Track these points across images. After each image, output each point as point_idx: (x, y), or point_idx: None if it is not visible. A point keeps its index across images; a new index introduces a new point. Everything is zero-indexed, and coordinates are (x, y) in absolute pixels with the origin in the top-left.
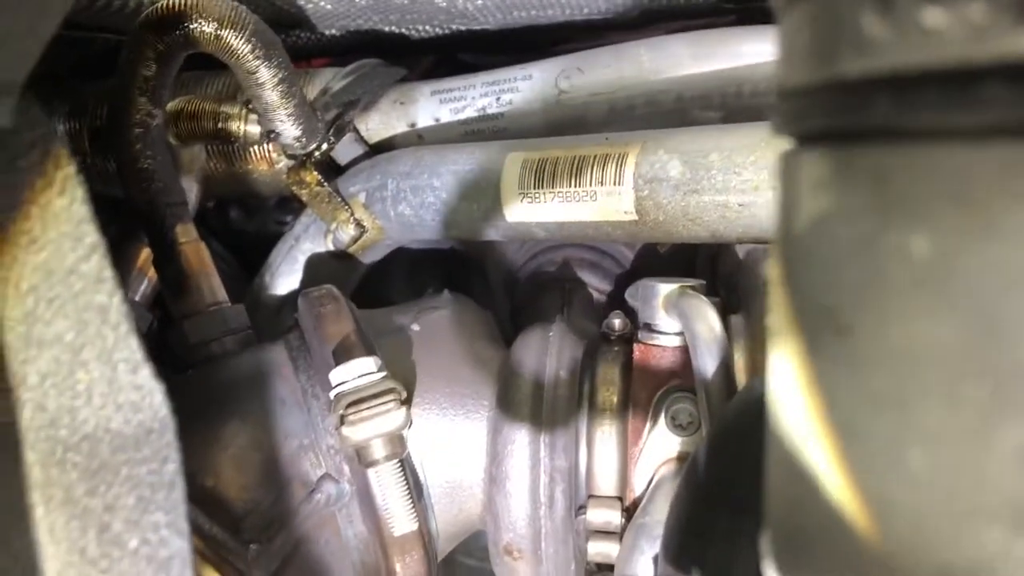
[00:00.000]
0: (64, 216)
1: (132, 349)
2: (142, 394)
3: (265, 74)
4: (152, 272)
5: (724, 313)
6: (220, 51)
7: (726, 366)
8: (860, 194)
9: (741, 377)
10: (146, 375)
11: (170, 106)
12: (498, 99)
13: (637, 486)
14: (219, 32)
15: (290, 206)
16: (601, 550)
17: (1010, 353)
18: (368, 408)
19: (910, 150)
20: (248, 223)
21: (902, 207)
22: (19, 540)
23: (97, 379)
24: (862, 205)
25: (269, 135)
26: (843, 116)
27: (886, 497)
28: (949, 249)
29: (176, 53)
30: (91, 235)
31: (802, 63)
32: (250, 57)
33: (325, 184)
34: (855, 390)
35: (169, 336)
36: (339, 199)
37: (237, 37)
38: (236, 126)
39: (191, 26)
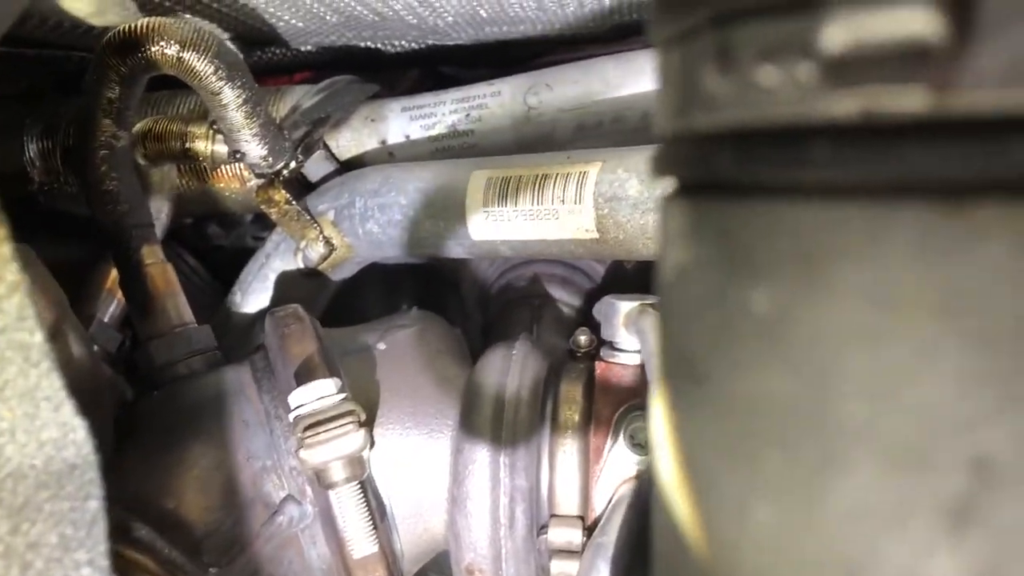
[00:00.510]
0: None
1: (54, 387)
2: (65, 431)
3: (229, 95)
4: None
5: None
6: (183, 73)
7: None
8: (708, 247)
9: None
10: (68, 412)
11: (138, 127)
12: (468, 115)
13: (598, 505)
14: (181, 54)
15: (267, 222)
16: (563, 570)
17: (840, 409)
18: (326, 431)
19: (750, 205)
20: (225, 239)
21: (744, 262)
22: None
23: (20, 417)
24: (710, 258)
25: (235, 155)
26: (694, 168)
27: (734, 550)
28: (786, 304)
29: (139, 75)
30: (12, 273)
31: (665, 111)
32: (213, 79)
33: (294, 202)
34: (710, 440)
35: (136, 357)
36: (308, 217)
37: (199, 59)
38: (203, 146)
39: (153, 48)
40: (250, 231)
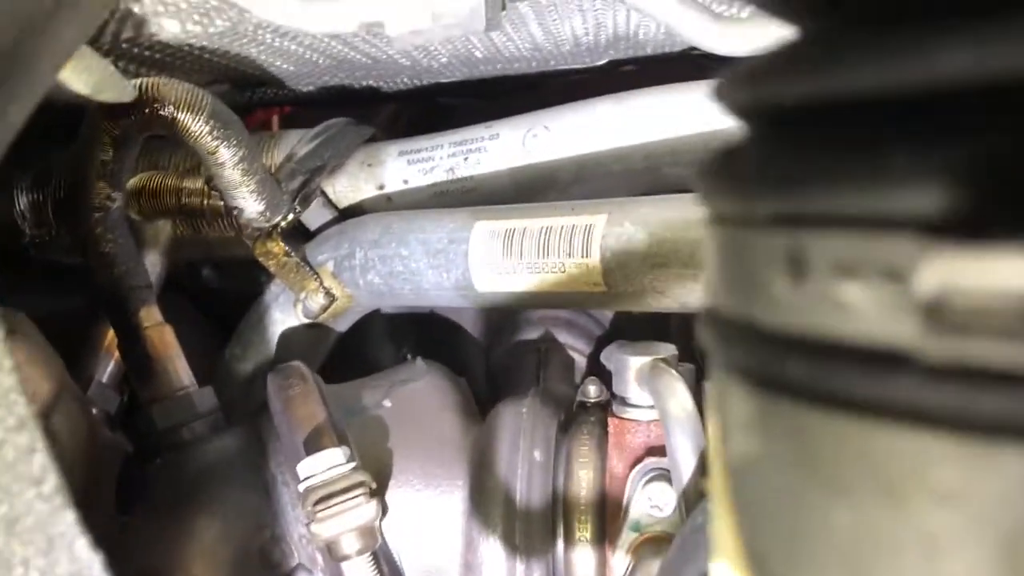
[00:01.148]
0: None
1: (68, 522)
2: (79, 567)
3: (225, 154)
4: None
5: (700, 378)
6: (178, 133)
7: (698, 444)
8: (780, 446)
9: None
10: (83, 546)
11: (132, 183)
12: (466, 159)
13: (616, 568)
14: (176, 115)
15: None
16: None
17: None
18: (337, 503)
19: (827, 416)
20: (221, 282)
21: (821, 472)
22: None
23: (33, 553)
24: (783, 458)
25: (231, 211)
26: (758, 363)
27: None
28: (868, 525)
29: (133, 137)
30: (20, 405)
31: (722, 289)
32: (209, 138)
33: (292, 254)
34: None
35: (137, 421)
36: (307, 268)
37: (195, 120)
38: (199, 201)
39: (147, 111)
40: (246, 274)
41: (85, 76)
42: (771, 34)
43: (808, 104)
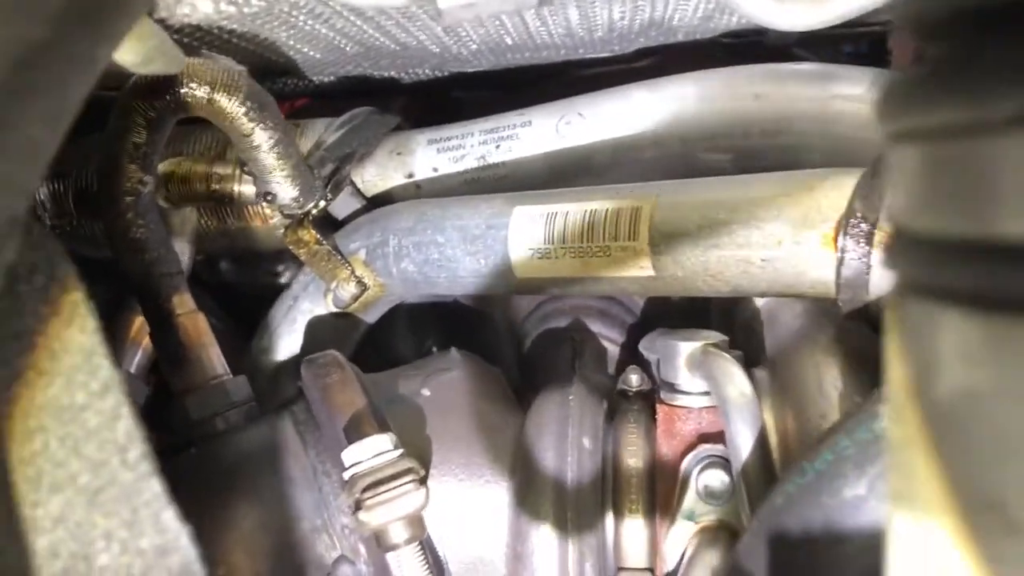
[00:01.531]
0: (74, 347)
1: (154, 491)
2: (166, 538)
3: (260, 136)
4: (147, 341)
5: (747, 365)
6: (213, 115)
7: (760, 430)
8: (1019, 376)
9: (771, 437)
10: (170, 517)
11: (160, 168)
12: (497, 147)
13: (669, 557)
14: (212, 96)
15: (282, 257)
16: None
17: None
18: (386, 491)
19: None
20: (239, 275)
21: None
22: None
23: (116, 525)
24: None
25: (265, 196)
26: (1001, 282)
27: None
28: None
29: (167, 119)
30: (105, 368)
31: (938, 209)
32: (244, 120)
33: (324, 242)
34: None
35: (170, 411)
36: (339, 257)
37: (231, 101)
38: (230, 187)
39: (183, 91)
40: (265, 268)
41: (137, 44)
42: (833, 6)
43: None
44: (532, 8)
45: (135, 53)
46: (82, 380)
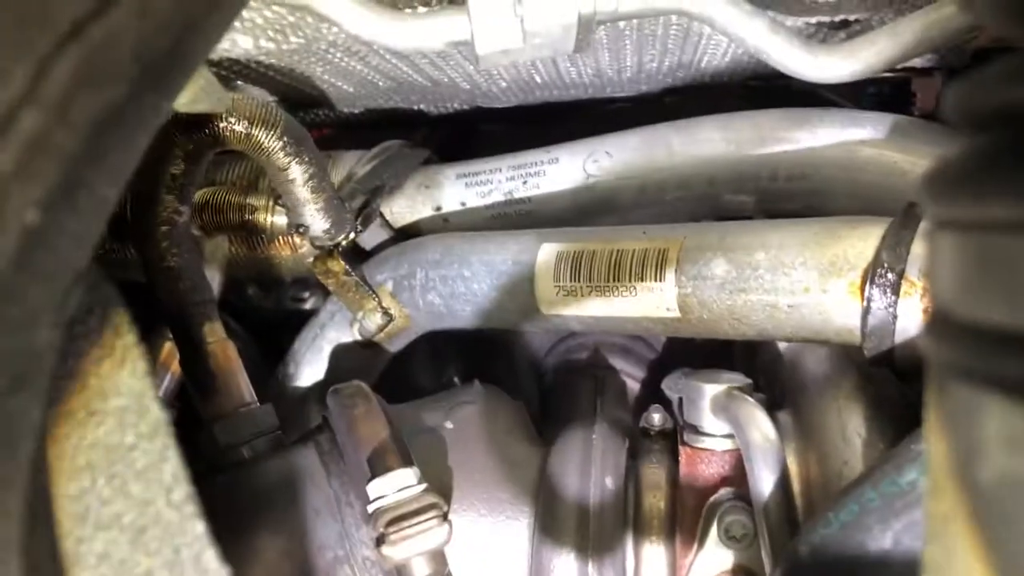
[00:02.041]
0: (125, 388)
1: (197, 533)
2: None
3: (296, 171)
4: (175, 365)
5: (769, 409)
6: (251, 149)
7: (783, 476)
8: None
9: (794, 484)
10: (211, 557)
11: (195, 197)
12: (524, 183)
13: None
14: (250, 131)
15: (307, 283)
16: None
17: None
18: (410, 526)
19: None
20: (265, 300)
21: None
22: None
23: (159, 564)
24: None
25: (298, 228)
26: None
27: None
28: None
29: (205, 151)
30: (154, 410)
31: (985, 298)
32: (281, 155)
33: (352, 273)
34: None
35: (199, 438)
36: (366, 288)
37: (268, 135)
38: (263, 218)
39: (222, 125)
40: (290, 293)
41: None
42: (864, 59)
43: None
44: (567, 55)
45: (184, 94)
46: (132, 421)
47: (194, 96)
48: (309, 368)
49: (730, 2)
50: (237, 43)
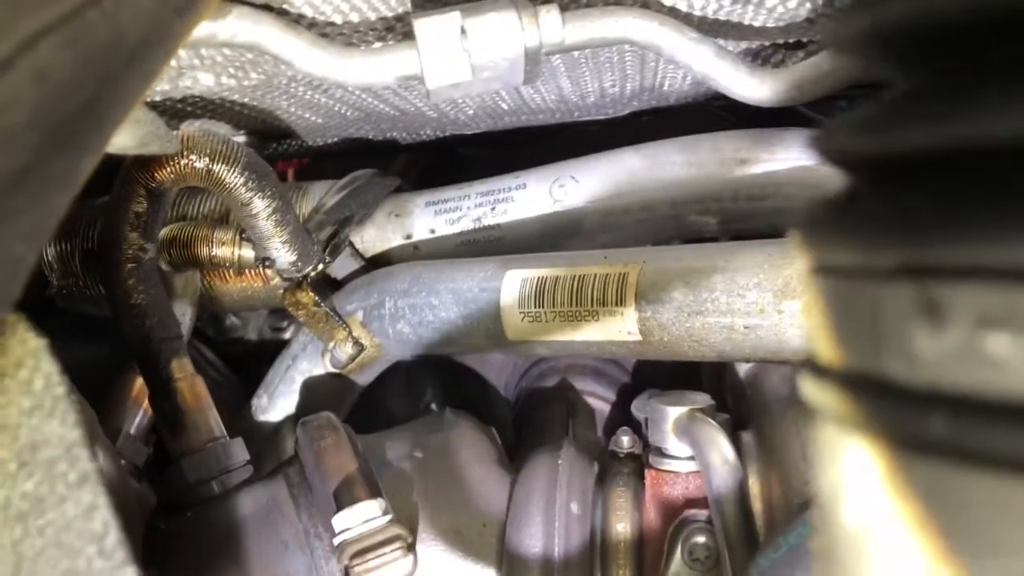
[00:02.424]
0: (55, 440)
1: None
2: None
3: (259, 205)
4: (147, 402)
5: (734, 428)
6: (212, 185)
7: (743, 497)
8: (910, 507)
9: (756, 504)
10: None
11: (163, 233)
12: (493, 209)
13: None
14: (211, 167)
15: (285, 313)
16: None
17: None
18: (374, 557)
19: (978, 474)
20: (243, 331)
21: (966, 531)
22: None
23: None
24: (913, 519)
25: (264, 261)
26: (896, 420)
27: None
28: None
29: (168, 188)
30: (83, 460)
31: (841, 343)
32: (243, 190)
33: (322, 304)
34: None
35: (167, 474)
36: (336, 318)
37: (229, 171)
38: (229, 252)
39: (183, 162)
40: (268, 323)
41: (133, 129)
42: (807, 83)
43: (940, 151)
44: (516, 86)
45: (131, 138)
46: (62, 471)
47: (142, 140)
48: (282, 400)
49: (675, 29)
50: (199, 80)
